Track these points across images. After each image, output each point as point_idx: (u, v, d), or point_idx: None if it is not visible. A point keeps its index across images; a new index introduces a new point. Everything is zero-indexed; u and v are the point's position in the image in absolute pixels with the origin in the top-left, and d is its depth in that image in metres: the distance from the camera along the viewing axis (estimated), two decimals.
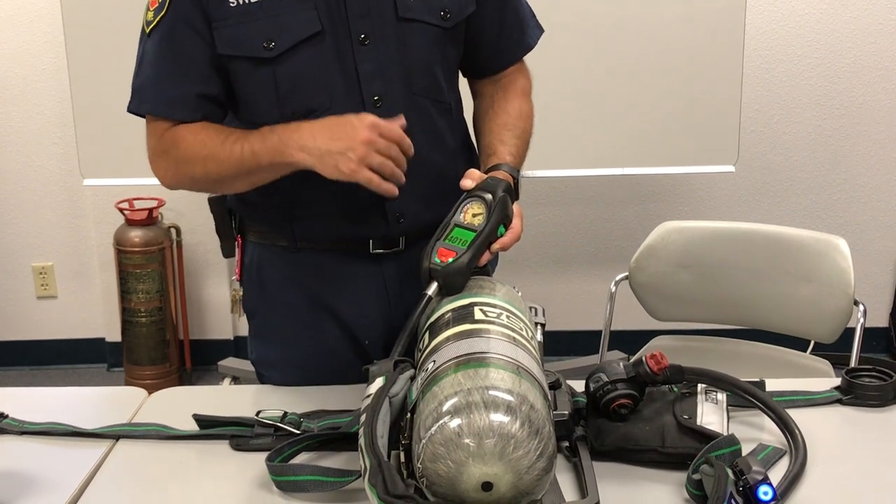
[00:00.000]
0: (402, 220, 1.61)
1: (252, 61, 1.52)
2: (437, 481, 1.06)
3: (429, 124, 1.61)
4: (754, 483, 1.15)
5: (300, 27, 1.51)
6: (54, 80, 3.66)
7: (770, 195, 3.78)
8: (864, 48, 3.62)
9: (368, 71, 1.54)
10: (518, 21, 1.71)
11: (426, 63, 1.59)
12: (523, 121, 1.70)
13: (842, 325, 2.25)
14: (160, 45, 1.54)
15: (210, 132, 1.54)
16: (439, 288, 1.32)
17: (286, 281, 1.67)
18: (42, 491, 1.32)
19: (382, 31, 1.54)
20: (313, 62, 1.53)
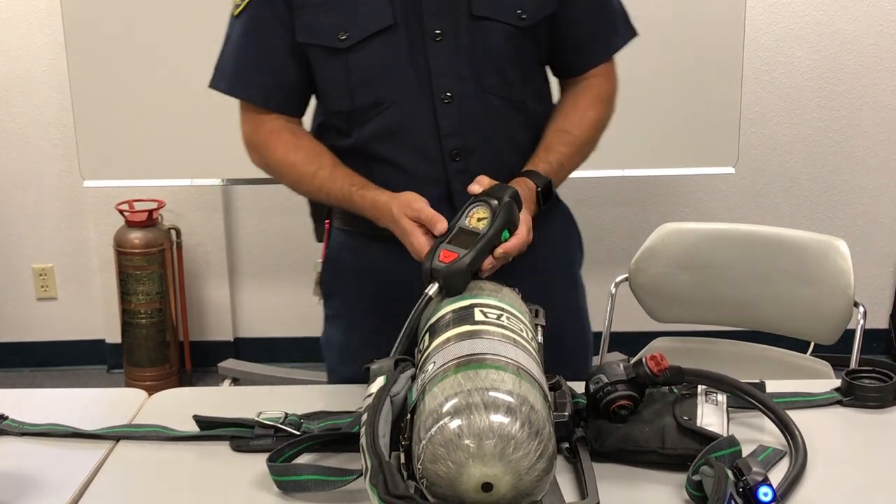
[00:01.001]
0: None
1: (326, 51, 1.57)
2: (436, 482, 1.06)
3: (500, 122, 1.62)
4: (754, 484, 1.15)
5: (373, 20, 1.54)
6: (54, 81, 3.66)
7: (770, 197, 3.79)
8: (863, 50, 3.63)
9: (440, 67, 1.56)
10: (605, 22, 1.70)
11: (499, 61, 1.59)
12: (582, 129, 1.68)
13: (842, 327, 2.25)
14: (244, 29, 1.61)
15: (300, 157, 1.62)
16: (440, 288, 1.33)
17: (361, 268, 1.71)
18: (42, 492, 1.32)
19: (455, 28, 1.55)
20: (384, 55, 1.56)
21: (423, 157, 1.60)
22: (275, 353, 3.88)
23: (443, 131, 1.58)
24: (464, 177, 1.59)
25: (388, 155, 1.61)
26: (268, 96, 1.64)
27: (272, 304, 3.91)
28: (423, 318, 1.41)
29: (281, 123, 1.65)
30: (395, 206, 1.49)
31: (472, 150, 1.60)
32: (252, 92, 1.64)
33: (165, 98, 3.18)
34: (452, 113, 1.57)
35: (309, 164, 1.61)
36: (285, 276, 3.86)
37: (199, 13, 3.11)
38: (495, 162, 1.61)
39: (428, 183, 1.60)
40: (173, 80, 3.16)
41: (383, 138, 1.60)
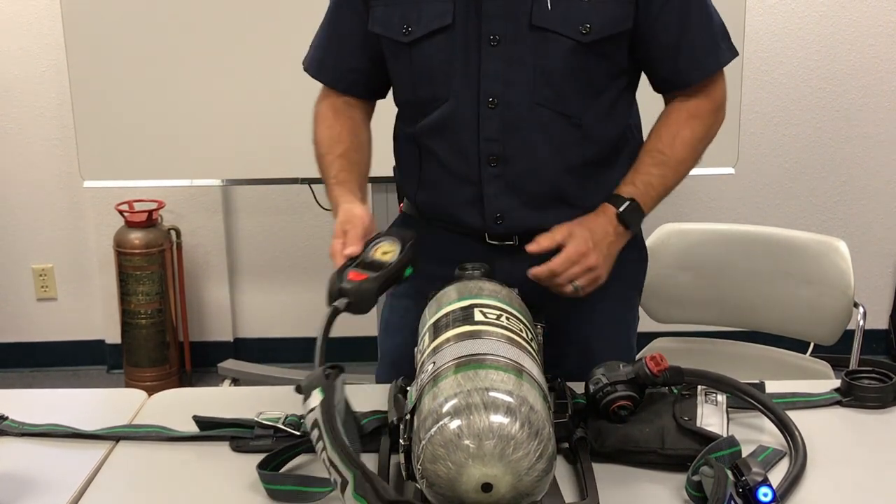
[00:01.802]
0: (500, 221, 1.63)
1: (393, 43, 1.63)
2: (436, 482, 1.06)
3: (549, 135, 1.60)
4: (754, 484, 1.15)
5: (433, 17, 1.57)
6: (54, 81, 3.66)
7: (770, 197, 3.79)
8: (863, 50, 3.63)
9: (490, 71, 1.56)
10: (703, 41, 1.63)
11: (555, 74, 1.56)
12: (674, 149, 1.64)
13: (841, 327, 2.26)
14: (330, 13, 1.72)
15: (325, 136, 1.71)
16: (348, 304, 1.31)
17: None
18: (42, 492, 1.32)
19: (514, 36, 1.55)
20: (441, 53, 1.59)
21: (462, 157, 1.62)
22: (274, 354, 3.88)
23: (483, 135, 1.59)
24: (498, 182, 1.61)
25: (434, 149, 1.64)
26: (336, 78, 1.73)
27: (272, 304, 3.91)
28: (423, 318, 1.41)
29: (339, 103, 1.73)
30: (341, 213, 1.53)
31: (510, 157, 1.60)
32: (322, 72, 1.74)
33: (165, 98, 3.18)
34: (495, 118, 1.58)
35: (325, 146, 1.69)
36: (285, 277, 3.86)
37: (200, 14, 3.11)
38: (535, 176, 1.61)
39: (463, 182, 1.63)
40: (173, 81, 3.16)
41: (434, 133, 1.64)
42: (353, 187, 1.62)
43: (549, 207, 1.63)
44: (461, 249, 1.66)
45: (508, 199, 1.62)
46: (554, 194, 1.64)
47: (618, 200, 1.61)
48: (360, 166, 1.69)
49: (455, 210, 1.67)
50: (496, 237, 1.66)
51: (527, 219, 1.63)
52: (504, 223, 1.64)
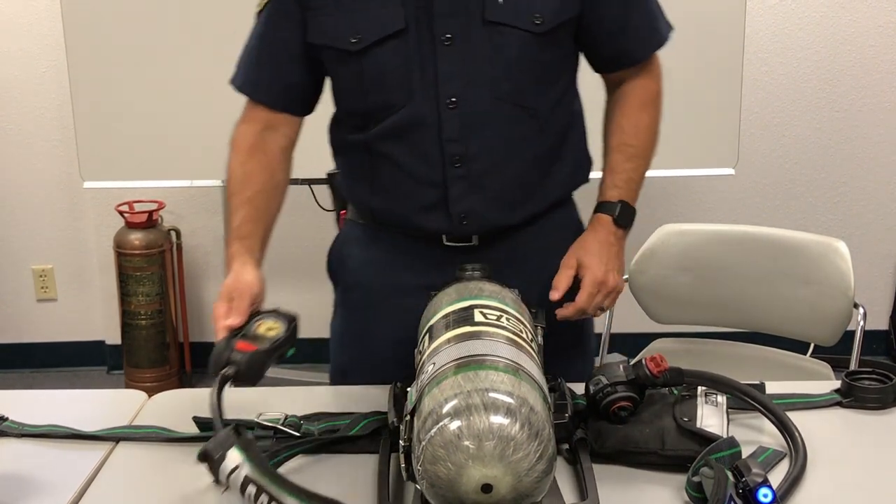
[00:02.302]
0: (465, 221, 1.61)
1: (339, 53, 1.57)
2: (437, 483, 1.06)
3: (508, 130, 1.60)
4: (754, 485, 1.15)
5: (384, 23, 1.53)
6: (54, 82, 3.66)
7: (770, 198, 3.79)
8: (863, 50, 3.63)
9: (447, 71, 1.54)
10: (645, 19, 1.67)
11: (512, 67, 1.57)
12: (640, 138, 1.69)
13: (842, 328, 2.25)
14: (261, 29, 1.64)
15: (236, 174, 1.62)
16: (236, 371, 1.29)
17: (364, 260, 1.72)
18: (42, 493, 1.32)
19: (468, 33, 1.53)
20: (395, 58, 1.55)
21: (424, 160, 1.59)
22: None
23: (445, 136, 1.57)
24: (462, 183, 1.59)
25: (391, 154, 1.60)
26: (274, 96, 1.65)
27: (271, 304, 3.89)
28: (423, 320, 1.41)
29: (257, 132, 1.64)
30: (231, 276, 1.49)
31: (473, 156, 1.58)
32: (259, 91, 1.66)
33: (165, 99, 3.18)
34: (456, 118, 1.56)
35: (235, 186, 1.61)
36: (285, 277, 3.86)
37: (200, 15, 3.11)
38: (497, 171, 1.60)
39: (425, 185, 1.60)
40: (173, 82, 3.16)
41: (390, 139, 1.60)
42: (252, 244, 1.56)
43: (512, 203, 1.63)
44: (418, 254, 1.66)
45: (473, 199, 1.60)
46: (516, 189, 1.63)
47: (610, 207, 1.64)
48: (268, 214, 1.62)
49: (415, 214, 1.63)
50: (455, 239, 1.64)
51: (491, 217, 1.63)
52: (469, 223, 1.62)
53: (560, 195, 1.71)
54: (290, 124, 1.67)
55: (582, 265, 1.59)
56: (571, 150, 1.70)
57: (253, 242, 1.56)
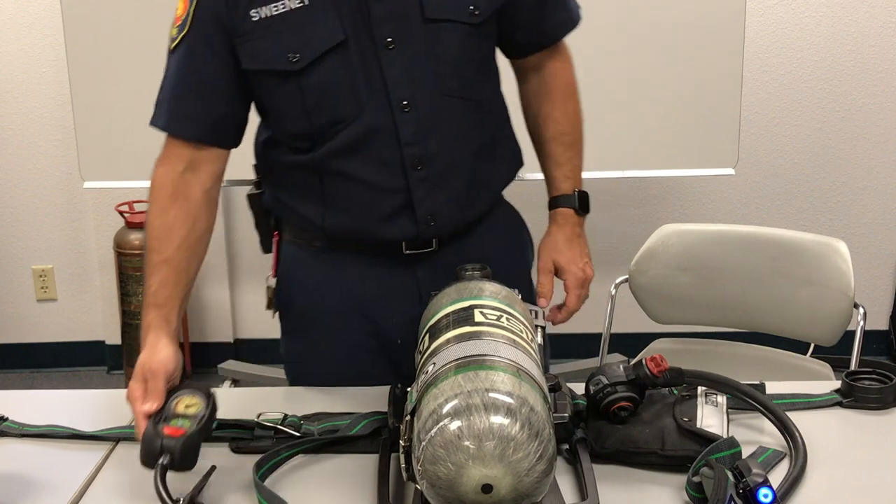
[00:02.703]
0: (433, 223, 1.60)
1: (278, 75, 1.52)
2: (437, 483, 1.06)
3: (458, 123, 1.60)
4: (754, 486, 1.15)
5: (323, 37, 1.49)
6: (54, 82, 3.66)
7: (770, 198, 3.79)
8: (863, 50, 3.63)
9: (395, 75, 1.52)
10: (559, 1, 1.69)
11: (456, 62, 1.57)
12: (572, 125, 1.73)
13: (842, 328, 2.25)
14: (181, 63, 1.55)
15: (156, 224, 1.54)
16: (171, 460, 1.26)
17: (320, 280, 1.68)
18: (42, 493, 1.32)
19: (409, 34, 1.52)
20: (339, 72, 1.51)
21: (383, 169, 1.56)
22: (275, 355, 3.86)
23: (403, 140, 1.55)
24: (425, 184, 1.58)
25: (346, 169, 1.57)
26: (204, 130, 1.57)
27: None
28: (423, 320, 1.41)
29: (179, 170, 1.56)
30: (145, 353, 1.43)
31: (432, 156, 1.57)
32: (188, 127, 1.57)
33: None
34: (411, 121, 1.54)
35: (154, 239, 1.54)
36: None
37: None
38: (454, 167, 1.60)
39: (388, 194, 1.57)
40: None
41: (343, 154, 1.56)
42: (168, 312, 1.49)
43: (469, 198, 1.64)
44: (375, 266, 1.65)
45: (436, 200, 1.59)
46: (471, 184, 1.64)
47: (568, 199, 1.71)
48: (188, 274, 1.56)
49: (377, 226, 1.60)
50: (415, 245, 1.63)
51: (454, 215, 1.63)
52: (435, 224, 1.61)
53: (503, 185, 1.73)
54: (216, 160, 1.59)
55: (560, 268, 1.69)
56: (509, 138, 1.74)
57: (170, 311, 1.50)
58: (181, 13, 1.53)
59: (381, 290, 1.65)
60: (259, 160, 1.70)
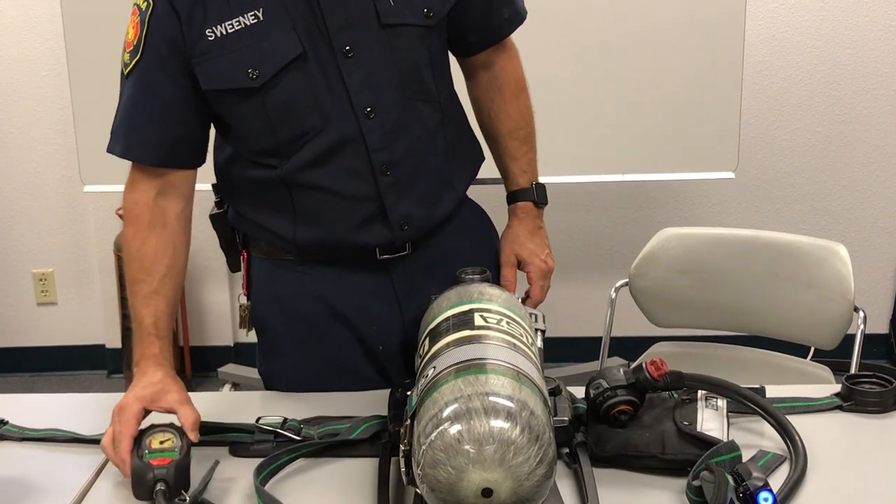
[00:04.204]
0: (406, 227, 1.60)
1: (239, 93, 1.50)
2: (437, 487, 1.06)
3: (422, 126, 1.61)
4: (754, 489, 1.15)
5: (281, 52, 1.48)
6: (55, 86, 3.66)
7: (770, 202, 3.79)
8: (863, 54, 3.63)
9: (356, 83, 1.51)
10: None
11: (415, 65, 1.57)
12: (525, 119, 1.76)
13: (842, 332, 2.25)
14: (135, 89, 1.53)
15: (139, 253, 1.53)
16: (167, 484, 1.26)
17: (295, 294, 1.66)
18: (42, 497, 1.32)
19: (367, 41, 1.51)
20: (300, 85, 1.50)
21: (353, 178, 1.56)
22: None
23: (371, 147, 1.54)
24: (395, 189, 1.58)
25: (315, 181, 1.56)
26: (163, 155, 1.54)
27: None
28: (423, 323, 1.42)
29: (151, 196, 1.55)
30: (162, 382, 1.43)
31: (399, 161, 1.57)
32: (148, 153, 1.55)
33: None
34: (377, 127, 1.54)
35: (138, 270, 1.52)
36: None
37: None
38: (421, 170, 1.61)
39: (359, 202, 1.57)
40: None
41: (311, 166, 1.55)
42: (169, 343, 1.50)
43: (439, 198, 1.65)
44: (350, 275, 1.64)
45: (407, 203, 1.59)
46: (438, 184, 1.65)
47: (526, 193, 1.76)
48: (175, 304, 1.55)
49: (351, 234, 1.59)
50: (389, 251, 1.63)
51: (426, 217, 1.63)
52: (409, 228, 1.61)
53: (468, 183, 1.74)
54: (183, 182, 1.58)
55: (522, 261, 1.75)
56: (469, 136, 1.76)
57: (170, 341, 1.50)
58: (132, 38, 1.52)
59: (358, 297, 1.65)
60: (221, 179, 1.68)
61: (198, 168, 1.60)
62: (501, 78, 1.74)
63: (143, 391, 1.40)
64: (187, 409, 1.38)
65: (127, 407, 1.37)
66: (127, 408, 1.37)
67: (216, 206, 1.72)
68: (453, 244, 1.69)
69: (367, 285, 1.64)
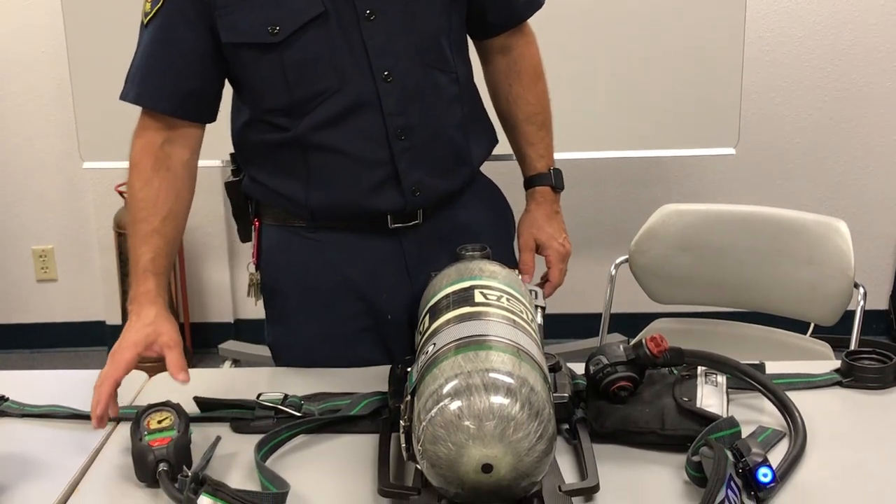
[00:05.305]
0: (418, 193, 1.61)
1: (258, 48, 1.52)
2: (437, 463, 1.06)
3: (439, 95, 1.61)
4: (754, 465, 1.15)
5: (303, 10, 1.49)
6: (53, 62, 3.65)
7: (770, 178, 3.78)
8: (865, 30, 3.61)
9: (377, 46, 1.53)
10: None
11: (434, 34, 1.58)
12: (543, 105, 1.77)
13: (842, 308, 2.26)
14: (153, 38, 1.54)
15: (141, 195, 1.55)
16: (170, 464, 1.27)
17: (306, 262, 1.67)
18: (43, 473, 1.32)
19: (389, 5, 1.52)
20: (320, 44, 1.51)
21: (367, 140, 1.57)
22: None
23: (386, 111, 1.55)
24: (409, 155, 1.58)
25: (329, 143, 1.57)
26: (176, 104, 1.56)
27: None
28: (423, 300, 1.42)
29: (158, 143, 1.56)
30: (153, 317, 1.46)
31: (414, 126, 1.58)
32: (160, 101, 1.56)
33: None
34: (394, 91, 1.55)
35: (141, 210, 1.54)
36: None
37: None
38: (436, 138, 1.62)
39: (372, 166, 1.58)
40: None
41: (326, 127, 1.56)
42: (165, 281, 1.52)
43: (452, 169, 1.66)
44: (362, 244, 1.65)
45: (420, 170, 1.60)
46: (453, 155, 1.66)
47: (545, 177, 1.77)
48: (175, 244, 1.58)
49: (364, 199, 1.60)
50: (401, 218, 1.63)
51: (438, 186, 1.64)
52: (421, 195, 1.62)
53: (482, 159, 1.75)
54: (192, 134, 1.60)
55: (541, 244, 1.76)
56: (484, 117, 1.76)
57: (165, 280, 1.53)
58: None
59: (369, 266, 1.65)
60: (237, 145, 1.69)
61: (207, 124, 1.62)
62: (520, 63, 1.75)
63: (136, 335, 1.44)
64: (174, 353, 1.41)
65: (120, 352, 1.42)
66: (119, 353, 1.42)
67: (232, 175, 1.73)
68: (465, 218, 1.70)
69: (378, 253, 1.65)
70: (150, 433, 1.30)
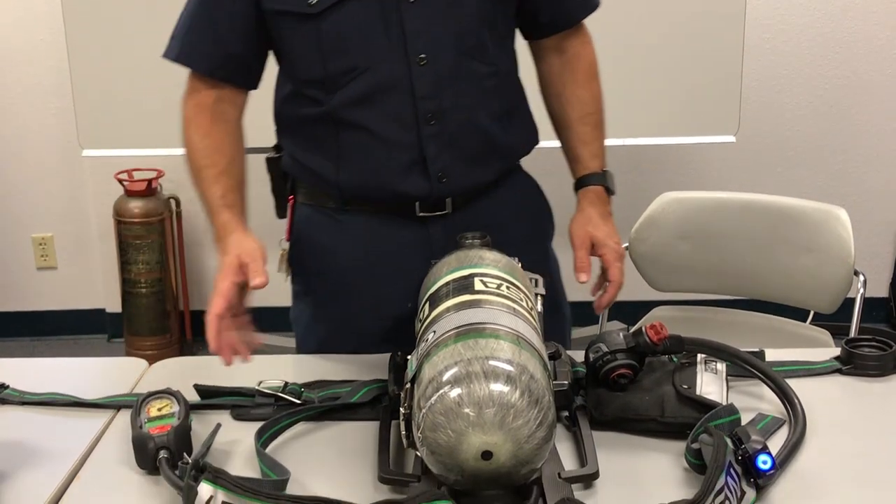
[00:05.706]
0: (444, 180, 1.61)
1: (296, 17, 1.54)
2: (437, 450, 1.06)
3: (476, 86, 1.61)
4: (753, 452, 1.15)
5: None
6: (53, 49, 3.64)
7: (771, 165, 3.78)
8: (865, 18, 3.61)
9: (414, 29, 1.53)
10: None
11: (474, 24, 1.58)
12: (596, 105, 1.77)
13: (842, 296, 2.26)
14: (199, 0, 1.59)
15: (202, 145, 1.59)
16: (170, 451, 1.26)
17: (333, 242, 1.69)
18: (43, 461, 1.32)
19: None
20: (357, 19, 1.52)
21: (396, 122, 1.57)
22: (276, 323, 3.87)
23: (418, 94, 1.55)
24: (437, 140, 1.58)
25: (360, 121, 1.58)
26: (216, 66, 1.60)
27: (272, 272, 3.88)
28: (423, 288, 1.41)
29: (211, 103, 1.61)
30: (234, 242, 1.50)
31: (446, 112, 1.58)
32: (200, 61, 1.61)
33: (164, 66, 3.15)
34: (428, 75, 1.55)
35: (204, 157, 1.59)
36: None
37: None
38: (469, 126, 1.61)
39: (400, 148, 1.58)
40: None
41: (357, 104, 1.57)
42: (241, 213, 1.56)
43: (483, 160, 1.65)
44: (390, 230, 1.65)
45: (448, 157, 1.60)
46: (485, 145, 1.64)
47: (599, 178, 1.76)
48: (243, 185, 1.61)
49: (391, 181, 1.60)
50: (429, 207, 1.63)
51: (466, 175, 1.63)
52: (447, 182, 1.61)
53: (519, 156, 1.75)
54: (237, 97, 1.64)
55: (597, 243, 1.70)
56: (524, 112, 1.74)
57: (241, 212, 1.56)
58: None
59: (394, 252, 1.65)
60: (277, 119, 1.71)
61: (248, 90, 1.65)
62: (575, 63, 1.74)
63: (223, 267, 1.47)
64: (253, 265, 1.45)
65: (218, 283, 1.46)
66: (218, 284, 1.46)
67: (274, 150, 1.74)
68: (498, 212, 1.68)
69: (403, 241, 1.65)
70: (151, 420, 1.30)
